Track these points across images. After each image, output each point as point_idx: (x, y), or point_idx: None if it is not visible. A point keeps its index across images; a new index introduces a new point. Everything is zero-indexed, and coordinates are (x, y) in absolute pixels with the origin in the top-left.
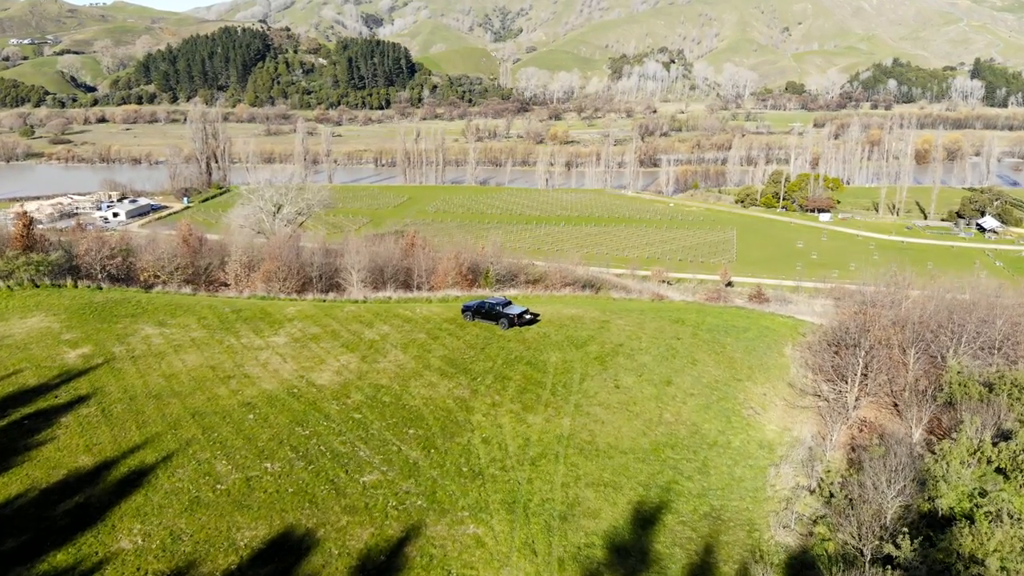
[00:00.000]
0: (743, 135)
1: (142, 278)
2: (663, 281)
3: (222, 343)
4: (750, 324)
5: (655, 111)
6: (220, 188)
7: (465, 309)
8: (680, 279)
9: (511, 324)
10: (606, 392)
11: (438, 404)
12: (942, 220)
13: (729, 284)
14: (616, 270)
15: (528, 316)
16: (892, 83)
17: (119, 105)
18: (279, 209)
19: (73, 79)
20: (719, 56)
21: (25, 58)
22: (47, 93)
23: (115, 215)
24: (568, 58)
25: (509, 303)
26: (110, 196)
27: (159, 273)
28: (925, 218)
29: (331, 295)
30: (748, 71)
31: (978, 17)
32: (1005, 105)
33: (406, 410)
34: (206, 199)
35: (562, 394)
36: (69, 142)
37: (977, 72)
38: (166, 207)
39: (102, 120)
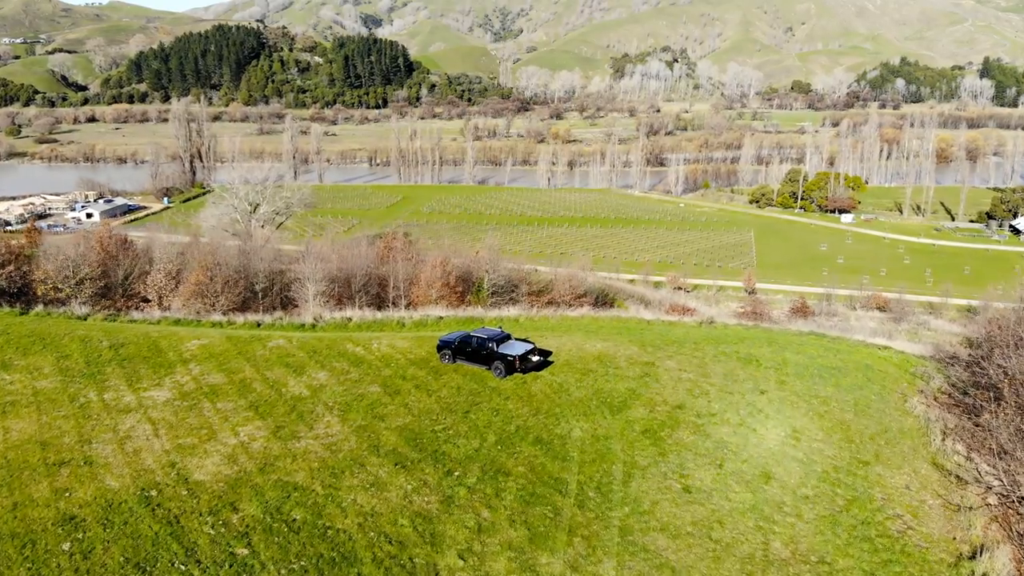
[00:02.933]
0: (752, 134)
1: (39, 292)
2: (679, 288)
3: (75, 400)
4: (845, 362)
5: (659, 110)
6: (204, 188)
7: (443, 345)
8: (698, 286)
9: (510, 370)
10: (670, 501)
11: (383, 528)
12: (971, 221)
13: (752, 292)
14: (627, 275)
15: (535, 358)
16: (900, 82)
17: (110, 104)
18: (255, 209)
19: (64, 78)
20: (722, 56)
21: (17, 57)
22: (36, 92)
23: (88, 216)
24: (569, 58)
25: (507, 337)
26: (86, 196)
27: (60, 285)
28: (953, 219)
29: (277, 314)
30: (753, 70)
31: (983, 17)
32: (1015, 105)
33: (327, 541)
34: (188, 199)
35: (596, 507)
36: (55, 141)
37: (986, 71)
38: (145, 207)
39: (92, 119)
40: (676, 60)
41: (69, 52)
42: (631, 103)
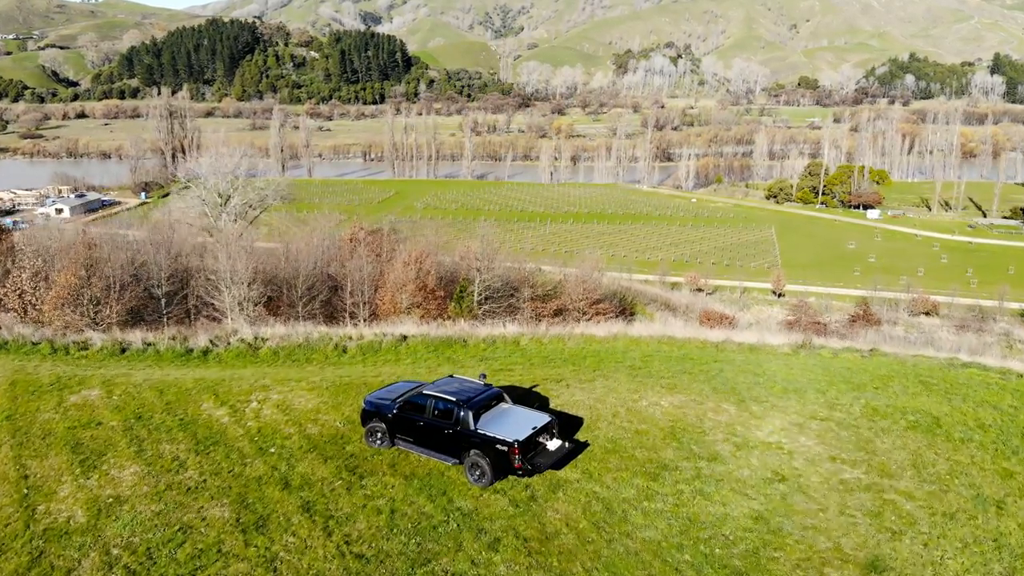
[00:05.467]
0: (765, 128)
1: None
2: (699, 289)
3: None
4: None
5: (663, 106)
6: (184, 182)
7: (372, 412)
8: (719, 287)
9: (502, 469)
10: None
11: None
12: (1004, 218)
13: (781, 294)
14: (640, 276)
15: (554, 444)
16: (909, 79)
17: (100, 100)
18: (227, 201)
19: (55, 74)
20: (726, 53)
21: (9, 53)
22: (25, 87)
23: (59, 211)
24: (570, 54)
25: (494, 397)
26: (59, 191)
27: None
28: (984, 216)
29: (170, 331)
30: (758, 66)
31: (989, 15)
32: None
33: None
34: (167, 194)
35: None
36: (41, 137)
37: (997, 67)
38: (120, 203)
39: (82, 115)
40: (680, 56)
41: (61, 48)
42: (635, 99)
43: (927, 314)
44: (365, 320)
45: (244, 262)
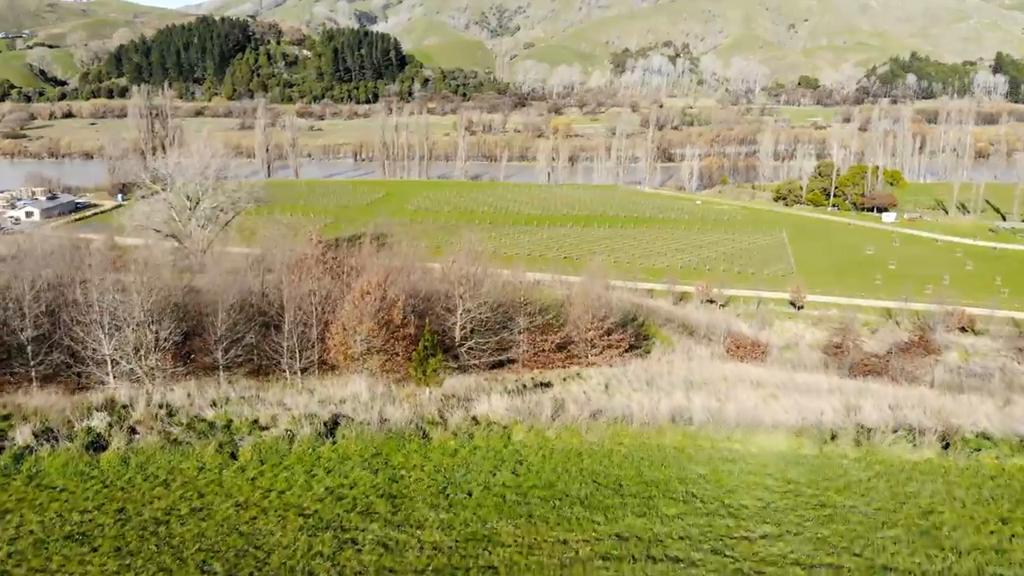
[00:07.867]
0: (769, 127)
1: None
2: (711, 300)
3: None
4: None
5: (662, 105)
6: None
7: None
8: (733, 297)
9: None
10: None
11: None
12: (1023, 221)
13: (800, 307)
14: (646, 284)
15: None
16: (911, 78)
17: (88, 99)
18: (196, 205)
19: (43, 73)
20: (724, 52)
21: None
22: (12, 87)
23: (28, 214)
24: (567, 53)
25: None
26: (33, 192)
27: None
28: (1004, 219)
29: (28, 393)
30: (758, 65)
31: (988, 14)
32: None
33: None
34: (145, 195)
35: None
36: (24, 136)
37: (999, 67)
38: (95, 205)
39: (69, 115)
40: (678, 55)
41: (50, 47)
42: (633, 99)
43: (963, 330)
44: (303, 374)
45: (144, 294)
